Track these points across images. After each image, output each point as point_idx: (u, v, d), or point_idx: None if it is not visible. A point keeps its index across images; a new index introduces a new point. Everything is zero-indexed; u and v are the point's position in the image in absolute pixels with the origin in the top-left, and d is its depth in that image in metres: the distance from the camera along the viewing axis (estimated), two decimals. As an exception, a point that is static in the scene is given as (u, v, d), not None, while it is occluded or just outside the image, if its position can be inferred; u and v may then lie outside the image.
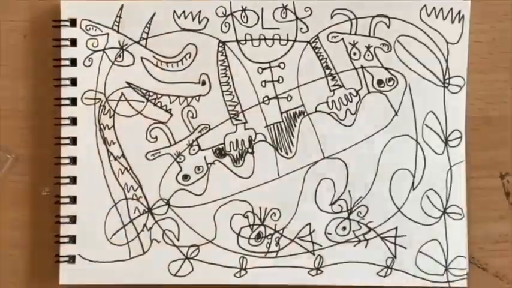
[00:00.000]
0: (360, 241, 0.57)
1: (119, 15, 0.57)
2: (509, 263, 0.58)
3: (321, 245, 0.57)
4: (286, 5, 0.56)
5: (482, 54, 0.57)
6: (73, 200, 0.57)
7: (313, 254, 0.57)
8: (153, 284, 0.57)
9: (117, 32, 0.57)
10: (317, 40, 0.57)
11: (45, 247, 0.58)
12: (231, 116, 0.57)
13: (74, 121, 0.57)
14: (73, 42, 0.57)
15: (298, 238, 0.57)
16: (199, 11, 0.57)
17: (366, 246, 0.57)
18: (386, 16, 0.56)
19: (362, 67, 0.57)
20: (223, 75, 0.57)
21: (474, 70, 0.57)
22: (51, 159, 0.57)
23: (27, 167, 0.58)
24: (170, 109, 0.57)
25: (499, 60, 0.58)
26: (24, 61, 0.58)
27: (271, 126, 0.57)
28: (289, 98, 0.57)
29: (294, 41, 0.57)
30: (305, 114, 0.57)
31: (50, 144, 0.57)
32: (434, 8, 0.56)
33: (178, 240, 0.57)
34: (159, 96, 0.57)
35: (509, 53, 0.58)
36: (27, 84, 0.58)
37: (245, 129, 0.57)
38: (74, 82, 0.57)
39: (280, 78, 0.57)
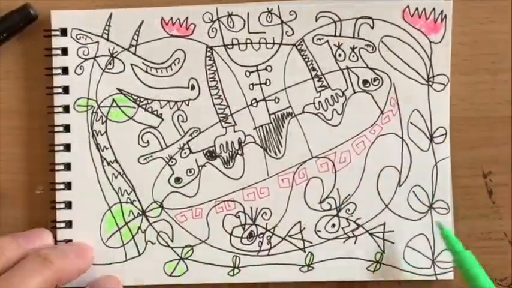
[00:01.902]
0: (349, 237, 0.58)
1: (108, 23, 0.58)
2: (491, 260, 0.59)
3: (311, 242, 0.58)
4: (272, 9, 0.57)
5: (465, 56, 0.58)
6: (68, 205, 0.58)
7: (304, 251, 0.58)
8: (149, 284, 0.58)
9: (107, 40, 0.58)
10: (302, 43, 0.58)
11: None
12: (221, 119, 0.58)
13: (67, 128, 0.58)
14: (64, 51, 0.58)
15: (289, 236, 0.58)
16: (187, 18, 0.58)
17: (355, 242, 0.58)
18: (370, 17, 0.57)
19: (347, 68, 0.58)
20: (212, 79, 0.58)
21: (457, 72, 0.58)
22: (45, 158, 0.59)
23: (21, 166, 0.60)
24: (161, 114, 0.58)
25: (480, 62, 0.58)
26: (20, 63, 0.59)
27: (260, 128, 0.58)
28: (276, 100, 0.58)
29: (280, 44, 0.58)
30: (293, 115, 0.58)
31: (43, 144, 0.59)
32: (417, 8, 0.57)
33: (172, 241, 0.58)
34: (149, 101, 0.58)
35: (490, 55, 0.58)
36: (22, 85, 0.59)
37: (234, 131, 0.58)
38: (66, 90, 0.58)
39: (268, 81, 0.58)
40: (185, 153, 0.58)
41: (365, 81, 0.58)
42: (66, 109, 0.58)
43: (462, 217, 0.59)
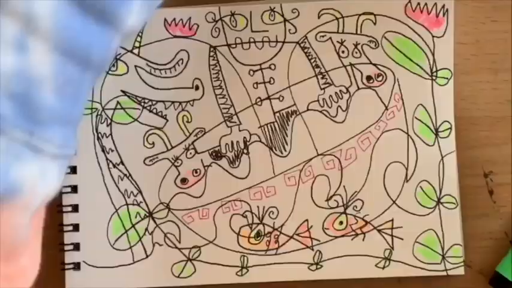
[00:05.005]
0: (357, 234, 0.58)
1: (110, 25, 0.58)
2: (493, 259, 0.59)
3: (319, 240, 0.58)
4: (274, 8, 0.58)
5: (466, 55, 0.58)
6: (75, 208, 0.58)
7: (312, 250, 0.58)
8: (158, 286, 0.58)
9: (110, 42, 0.58)
10: (305, 40, 0.58)
11: (48, 247, 0.58)
12: (225, 118, 0.58)
13: (72, 131, 0.58)
14: (67, 54, 0.58)
15: (297, 234, 0.58)
16: (189, 18, 0.58)
17: (363, 239, 0.58)
18: (372, 13, 0.57)
19: (351, 64, 0.58)
20: (216, 79, 0.58)
21: (458, 71, 0.58)
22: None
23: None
24: (165, 115, 0.58)
25: (482, 61, 0.59)
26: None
27: (265, 126, 0.58)
28: (281, 98, 0.58)
29: (283, 42, 0.58)
30: (297, 113, 0.58)
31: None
32: (418, 3, 0.57)
33: (179, 242, 0.58)
34: (154, 102, 0.58)
35: (491, 55, 0.59)
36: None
37: (239, 130, 0.58)
38: (70, 93, 0.58)
39: (272, 79, 0.58)
40: (190, 153, 0.58)
41: (369, 77, 0.58)
42: (70, 112, 0.58)
43: (463, 217, 0.58)
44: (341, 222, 0.58)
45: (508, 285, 0.57)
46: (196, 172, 0.58)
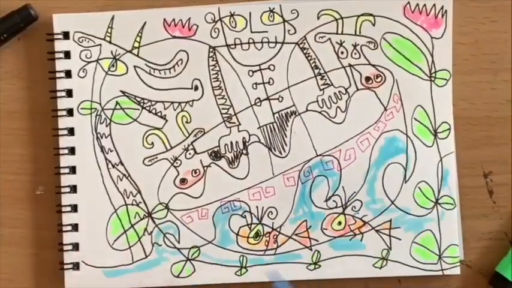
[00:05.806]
0: (355, 235, 0.58)
1: (110, 26, 0.58)
2: (492, 259, 0.59)
3: (317, 241, 0.58)
4: (273, 8, 0.58)
5: (465, 56, 0.59)
6: (74, 208, 0.58)
7: (311, 250, 0.58)
8: (157, 286, 0.58)
9: (110, 42, 0.58)
10: (305, 41, 0.58)
11: (47, 247, 0.59)
12: (225, 119, 0.58)
13: (71, 131, 0.58)
14: (67, 55, 0.58)
15: (296, 235, 0.58)
16: (189, 18, 0.58)
17: (361, 240, 0.58)
18: (371, 14, 0.57)
19: (350, 65, 0.58)
20: (215, 79, 0.58)
21: (457, 71, 0.58)
22: (45, 159, 0.59)
23: (21, 167, 0.60)
24: (165, 115, 0.58)
25: (481, 61, 0.59)
26: (20, 64, 0.59)
27: (264, 127, 0.58)
28: (280, 99, 0.58)
29: (283, 43, 0.58)
30: (296, 113, 0.58)
31: (44, 145, 0.59)
32: (417, 4, 0.57)
33: (179, 242, 0.58)
34: (153, 103, 0.58)
35: (491, 55, 0.59)
36: (22, 86, 0.60)
37: (239, 131, 0.58)
38: (69, 93, 0.58)
39: (271, 80, 0.58)
40: (190, 154, 0.58)
41: (368, 78, 0.58)
42: (70, 112, 0.58)
43: (463, 217, 0.59)
44: (339, 223, 0.58)
45: (508, 285, 0.57)
46: (195, 172, 0.58)
